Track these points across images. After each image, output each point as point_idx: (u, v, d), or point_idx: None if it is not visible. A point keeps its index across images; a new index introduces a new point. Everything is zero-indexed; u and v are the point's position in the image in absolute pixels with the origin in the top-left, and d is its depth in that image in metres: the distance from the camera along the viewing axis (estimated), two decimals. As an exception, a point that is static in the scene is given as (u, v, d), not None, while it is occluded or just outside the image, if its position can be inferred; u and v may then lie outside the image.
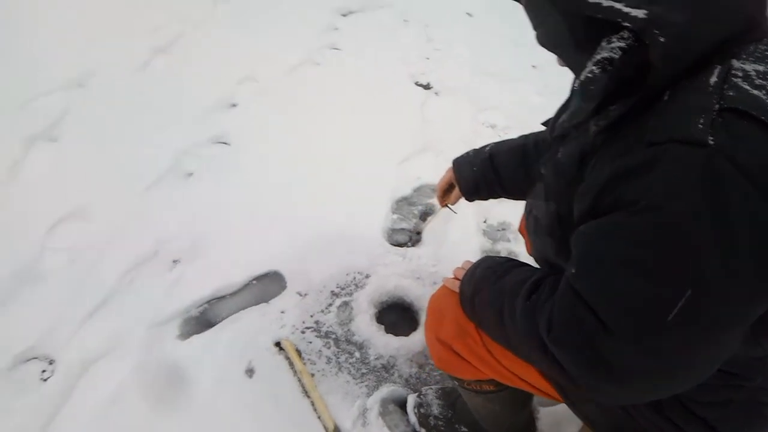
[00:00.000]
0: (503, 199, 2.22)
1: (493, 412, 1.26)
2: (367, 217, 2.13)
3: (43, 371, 1.57)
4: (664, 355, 0.68)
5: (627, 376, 0.70)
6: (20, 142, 2.27)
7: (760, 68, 0.65)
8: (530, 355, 0.86)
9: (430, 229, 2.02)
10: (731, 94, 0.62)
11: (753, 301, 0.64)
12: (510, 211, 2.20)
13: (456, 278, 1.09)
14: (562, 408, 1.52)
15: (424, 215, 2.20)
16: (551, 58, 0.89)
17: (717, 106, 0.62)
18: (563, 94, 1.19)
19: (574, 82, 1.01)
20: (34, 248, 1.87)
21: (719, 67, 0.65)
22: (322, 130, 2.56)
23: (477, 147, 1.39)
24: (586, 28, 0.71)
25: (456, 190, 1.42)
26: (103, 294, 1.74)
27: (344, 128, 2.59)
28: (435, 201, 2.22)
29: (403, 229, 2.12)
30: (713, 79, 0.64)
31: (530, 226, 1.04)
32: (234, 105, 2.72)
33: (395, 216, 2.17)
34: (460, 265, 1.12)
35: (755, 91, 0.62)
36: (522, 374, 1.03)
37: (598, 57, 0.70)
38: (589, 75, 0.71)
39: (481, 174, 1.33)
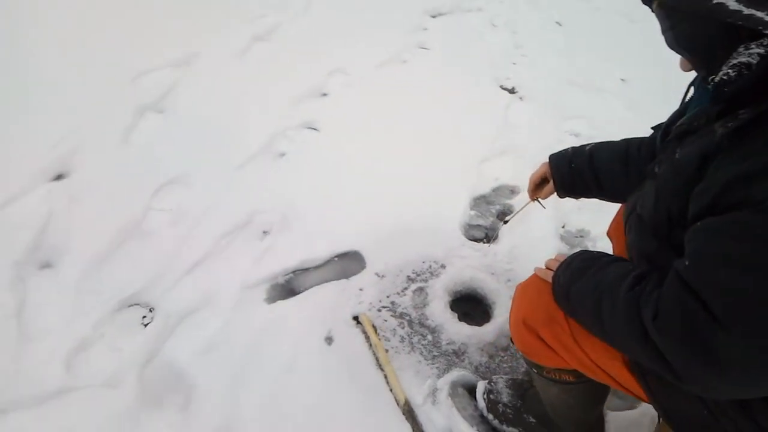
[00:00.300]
0: (584, 206, 2.22)
1: (566, 404, 1.29)
2: (445, 211, 2.18)
3: (144, 317, 1.72)
4: None
5: (732, 370, 0.72)
6: (132, 111, 2.49)
7: None
8: (627, 345, 0.88)
9: (516, 220, 2.05)
10: None
11: None
12: (590, 219, 2.20)
13: (549, 268, 1.13)
14: (631, 415, 1.52)
15: (501, 214, 2.24)
16: (641, 72, 0.93)
17: None
18: (653, 109, 1.22)
19: (691, 84, 1.03)
20: (140, 208, 2.05)
21: None
22: (406, 123, 2.65)
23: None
24: (722, 33, 0.75)
25: (549, 185, 1.44)
26: (200, 254, 1.88)
27: (428, 124, 2.66)
28: (512, 201, 2.26)
29: (479, 226, 2.16)
30: None
31: (631, 226, 1.06)
32: (324, 94, 2.86)
33: (473, 212, 2.22)
34: (552, 257, 1.15)
35: None
36: (606, 367, 1.05)
37: (735, 61, 0.73)
38: (725, 77, 0.74)
39: (578, 171, 1.36)
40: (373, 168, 2.35)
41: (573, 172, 1.36)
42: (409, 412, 1.49)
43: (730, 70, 0.74)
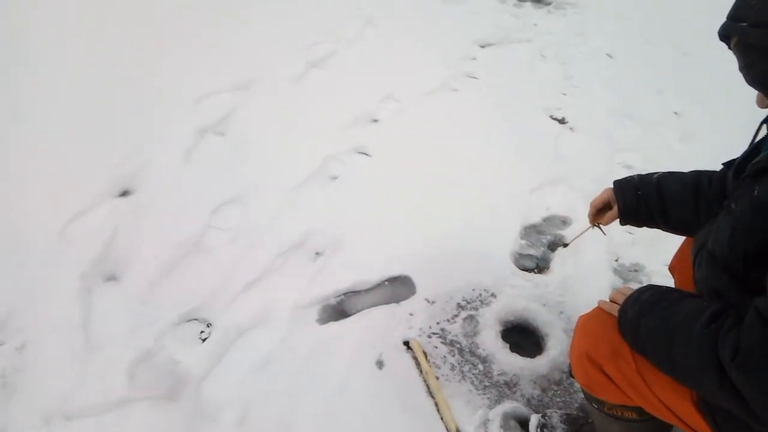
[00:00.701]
0: (638, 239, 2.19)
1: (626, 444, 1.26)
2: (495, 239, 2.19)
3: (202, 332, 1.78)
4: None
5: None
6: (193, 132, 2.60)
7: None
8: (701, 383, 0.87)
9: (569, 251, 2.04)
10: None
11: None
12: (644, 253, 2.16)
13: (614, 302, 1.12)
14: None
15: (553, 245, 2.22)
16: (695, 106, 0.93)
17: None
18: (707, 143, 1.21)
19: (762, 127, 1.03)
20: (200, 225, 2.13)
21: None
22: (456, 150, 2.67)
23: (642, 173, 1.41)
24: None
25: (612, 212, 1.41)
26: (256, 273, 1.94)
27: (477, 151, 2.68)
28: (564, 232, 2.25)
29: (530, 255, 2.15)
30: None
31: (702, 261, 1.05)
32: (375, 120, 2.92)
33: (523, 242, 2.21)
34: (617, 289, 1.14)
35: None
36: (673, 405, 1.03)
37: None
38: None
39: (644, 199, 1.33)
40: (422, 193, 2.37)
41: (639, 199, 1.34)
42: (463, 442, 1.48)
43: None
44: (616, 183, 1.40)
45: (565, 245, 1.57)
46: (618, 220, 1.41)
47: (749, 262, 0.89)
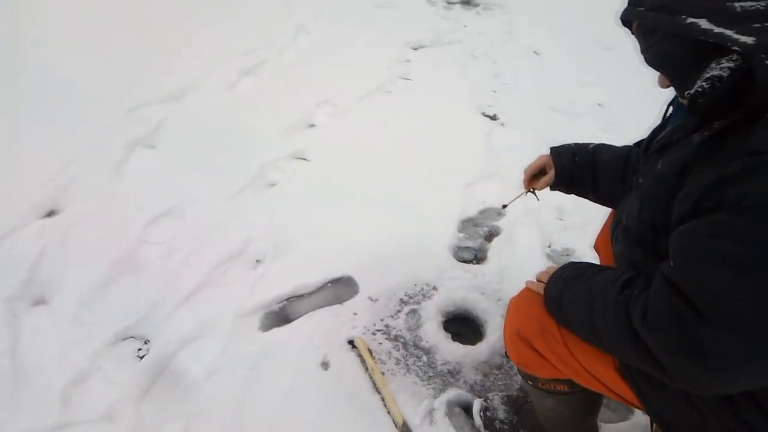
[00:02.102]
0: (569, 226, 2.29)
1: (560, 416, 1.31)
2: (435, 234, 2.23)
3: (139, 349, 1.73)
4: (756, 345, 0.75)
5: (718, 363, 0.78)
6: (123, 146, 2.53)
7: None
8: (618, 348, 0.93)
9: (503, 241, 2.10)
10: None
11: None
12: (575, 237, 2.26)
13: (539, 281, 1.18)
14: (624, 426, 1.55)
15: (489, 236, 2.29)
16: (617, 96, 1.00)
17: None
18: (629, 130, 1.29)
19: (670, 103, 1.10)
20: (133, 240, 2.07)
21: None
22: (392, 151, 2.72)
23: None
24: (695, 50, 0.83)
25: (547, 176, 1.44)
26: (194, 285, 1.90)
27: (413, 151, 2.73)
28: (499, 223, 2.32)
29: (468, 248, 2.21)
30: None
31: (617, 236, 1.12)
32: (312, 125, 2.93)
33: (461, 235, 2.27)
34: (543, 270, 1.20)
35: None
36: (599, 374, 1.09)
37: (708, 75, 0.80)
38: (699, 89, 0.81)
39: (580, 166, 1.39)
40: (362, 195, 2.40)
41: (575, 165, 1.39)
42: (407, 433, 1.50)
43: (704, 83, 0.81)
44: (554, 149, 1.45)
45: (504, 206, 1.58)
46: (550, 186, 1.46)
47: (657, 233, 0.95)
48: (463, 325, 1.89)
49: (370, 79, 3.40)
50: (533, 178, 1.51)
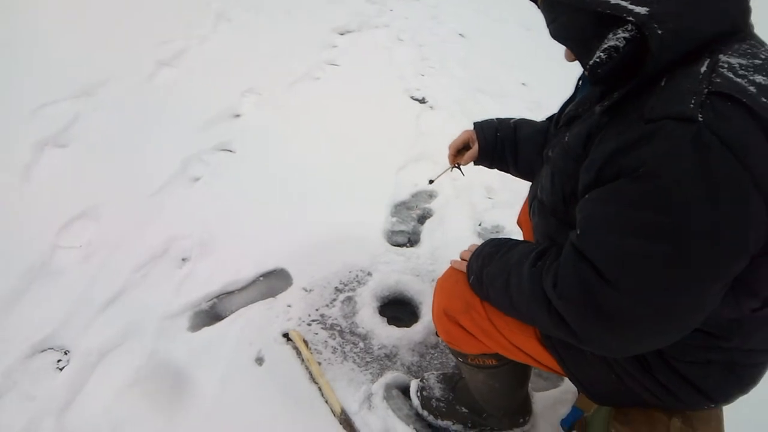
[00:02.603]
0: (498, 203, 2.34)
1: (492, 389, 1.35)
2: (368, 220, 2.23)
3: (59, 361, 1.62)
4: (657, 305, 0.79)
5: (624, 325, 0.81)
6: (31, 147, 2.35)
7: (743, 62, 0.77)
8: (535, 317, 0.95)
9: (435, 222, 2.11)
10: (718, 80, 0.74)
11: (732, 254, 0.76)
12: (503, 214, 2.32)
13: (463, 259, 1.19)
14: (555, 393, 1.62)
15: (422, 218, 2.31)
16: (540, 77, 1.02)
17: (706, 90, 0.73)
18: (553, 108, 1.32)
19: (580, 78, 1.13)
20: (46, 246, 1.93)
21: (708, 59, 0.77)
22: (321, 138, 2.68)
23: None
24: (595, 22, 0.84)
25: (471, 151, 1.47)
26: (115, 289, 1.80)
27: (343, 138, 2.71)
28: (431, 205, 2.35)
29: (402, 231, 2.22)
30: (703, 69, 0.76)
31: (534, 210, 1.15)
32: (237, 115, 2.84)
33: (394, 219, 2.28)
34: (465, 249, 1.22)
35: (738, 79, 0.74)
36: (522, 345, 1.13)
37: (606, 45, 0.83)
38: (597, 60, 0.84)
39: (502, 141, 1.42)
40: (292, 184, 2.35)
41: (497, 140, 1.42)
42: (345, 421, 1.49)
43: (602, 54, 0.84)
44: (477, 124, 1.47)
45: (430, 181, 1.59)
46: (474, 161, 1.49)
47: (568, 203, 0.98)
48: (398, 309, 1.90)
49: (296, 67, 3.33)
50: (458, 154, 1.52)
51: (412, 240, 2.20)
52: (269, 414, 1.51)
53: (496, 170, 1.55)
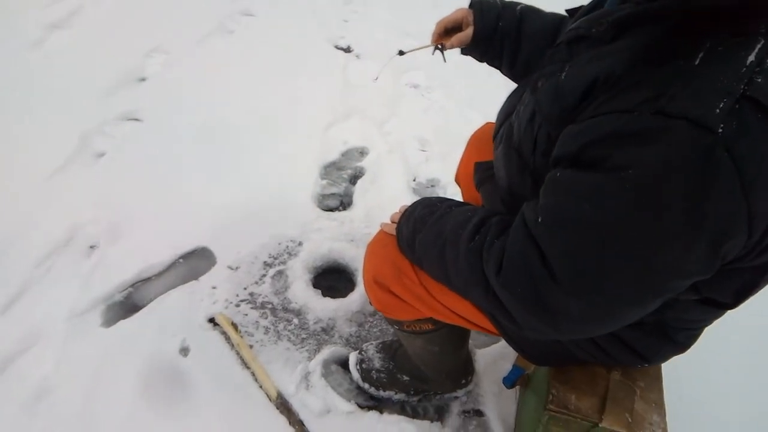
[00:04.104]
0: (431, 156, 2.24)
1: (432, 353, 1.29)
2: (295, 185, 2.08)
3: (-45, 376, 1.44)
4: (603, 310, 0.72)
5: (565, 322, 0.74)
6: None
7: None
8: (470, 294, 0.87)
9: (368, 182, 1.99)
10: (759, 80, 0.58)
11: (690, 279, 0.69)
12: (438, 168, 2.22)
13: (393, 222, 1.08)
14: (497, 348, 1.58)
15: (354, 179, 2.18)
16: None
17: (741, 91, 0.58)
18: None
19: None
20: (-72, 248, 1.70)
21: (763, 41, 0.60)
22: (239, 99, 2.47)
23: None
24: None
25: (461, 35, 1.20)
26: (15, 288, 1.61)
27: (263, 96, 2.50)
28: (363, 163, 2.22)
29: (333, 194, 2.09)
30: (750, 58, 0.59)
31: (503, 135, 0.97)
32: (143, 79, 2.57)
33: (324, 181, 2.14)
34: (396, 210, 1.10)
35: None
36: (458, 310, 1.06)
37: None
38: None
39: (502, 32, 1.17)
40: (210, 152, 2.16)
41: (497, 31, 1.18)
42: (282, 405, 1.41)
43: None
44: (476, 3, 1.21)
45: (401, 53, 1.32)
46: (461, 48, 1.25)
47: (537, 150, 0.83)
48: (334, 278, 1.80)
49: (206, 19, 3.03)
50: (446, 33, 1.25)
51: (345, 203, 2.08)
52: (200, 405, 1.41)
53: (431, 117, 1.37)
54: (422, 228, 0.96)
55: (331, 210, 2.04)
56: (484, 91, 2.03)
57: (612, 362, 1.01)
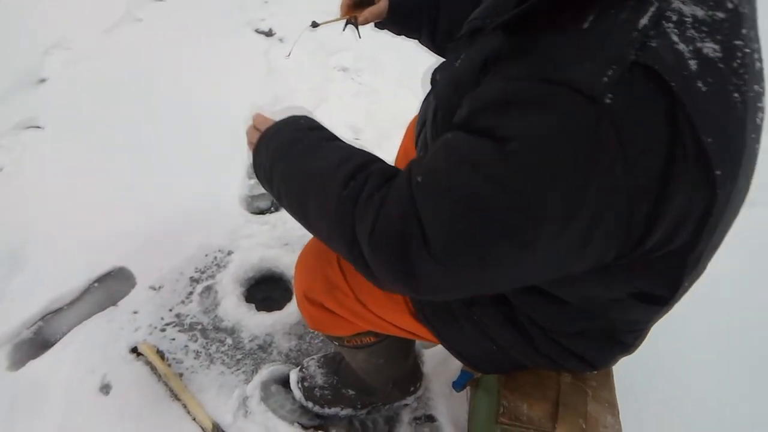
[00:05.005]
0: (365, 143, 2.13)
1: (377, 366, 1.22)
2: (220, 188, 1.93)
3: None
4: (471, 283, 0.68)
5: (429, 289, 0.69)
6: None
7: (699, 14, 0.56)
8: (332, 244, 0.76)
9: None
10: (653, 45, 0.54)
11: (571, 259, 0.62)
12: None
13: (257, 129, 0.88)
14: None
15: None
16: None
17: (633, 57, 0.53)
18: None
19: None
20: None
21: (657, 3, 0.56)
22: (152, 94, 2.27)
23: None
24: None
25: (373, 8, 1.10)
26: None
27: (178, 90, 2.31)
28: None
29: (262, 194, 1.95)
30: (643, 21, 0.55)
31: (422, 143, 0.94)
32: (43, 80, 2.33)
33: (252, 181, 1.99)
34: (261, 114, 0.91)
35: (681, 45, 0.54)
36: (397, 322, 1.00)
37: None
38: None
39: (420, 3, 1.10)
40: (121, 161, 1.96)
41: (414, 3, 1.10)
42: (219, 437, 1.30)
43: None
44: None
45: (314, 24, 1.16)
46: (375, 23, 1.15)
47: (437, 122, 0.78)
48: (269, 288, 1.69)
49: (112, 7, 2.77)
50: (356, 7, 1.13)
51: (276, 203, 1.95)
52: (128, 449, 1.28)
53: (362, 101, 1.25)
54: (285, 156, 0.80)
55: (262, 212, 1.90)
56: (414, 67, 1.91)
57: (559, 368, 0.98)
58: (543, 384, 1.02)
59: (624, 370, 1.06)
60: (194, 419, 1.34)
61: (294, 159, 0.78)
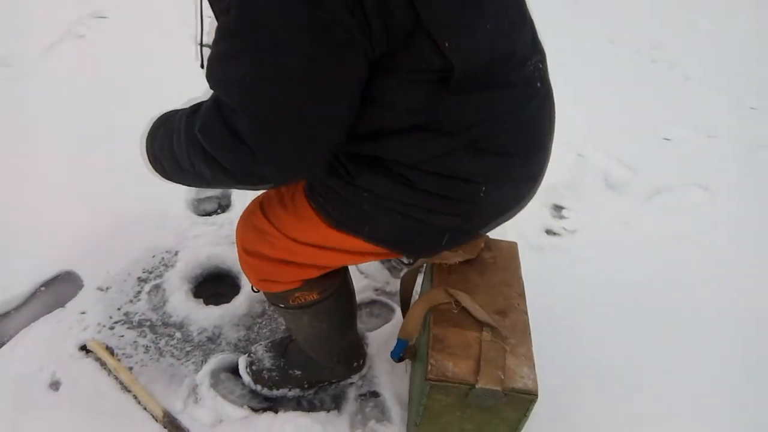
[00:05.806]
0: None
1: (321, 331, 1.28)
2: (167, 192, 1.94)
3: None
4: (283, 124, 0.78)
5: (260, 148, 0.79)
6: None
7: None
8: (197, 167, 0.89)
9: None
10: None
11: (338, 73, 0.75)
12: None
13: None
14: (387, 329, 1.61)
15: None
16: None
17: None
18: None
19: None
20: None
21: None
22: (96, 110, 2.30)
23: None
24: None
25: None
26: None
27: (122, 106, 2.34)
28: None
29: (209, 197, 2.02)
30: None
31: None
32: (-18, 96, 2.31)
33: (199, 185, 2.05)
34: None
35: None
36: (325, 242, 1.06)
37: None
38: None
39: None
40: (64, 171, 1.99)
41: None
42: (170, 423, 1.35)
43: None
44: None
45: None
46: None
47: None
48: (218, 284, 1.74)
49: (53, 25, 2.78)
50: None
51: (223, 204, 2.01)
52: (80, 442, 1.31)
53: None
54: (157, 134, 1.02)
55: (209, 214, 1.96)
56: None
57: (457, 209, 0.98)
58: (468, 345, 1.11)
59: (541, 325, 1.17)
60: (145, 408, 1.38)
61: (163, 129, 0.98)
